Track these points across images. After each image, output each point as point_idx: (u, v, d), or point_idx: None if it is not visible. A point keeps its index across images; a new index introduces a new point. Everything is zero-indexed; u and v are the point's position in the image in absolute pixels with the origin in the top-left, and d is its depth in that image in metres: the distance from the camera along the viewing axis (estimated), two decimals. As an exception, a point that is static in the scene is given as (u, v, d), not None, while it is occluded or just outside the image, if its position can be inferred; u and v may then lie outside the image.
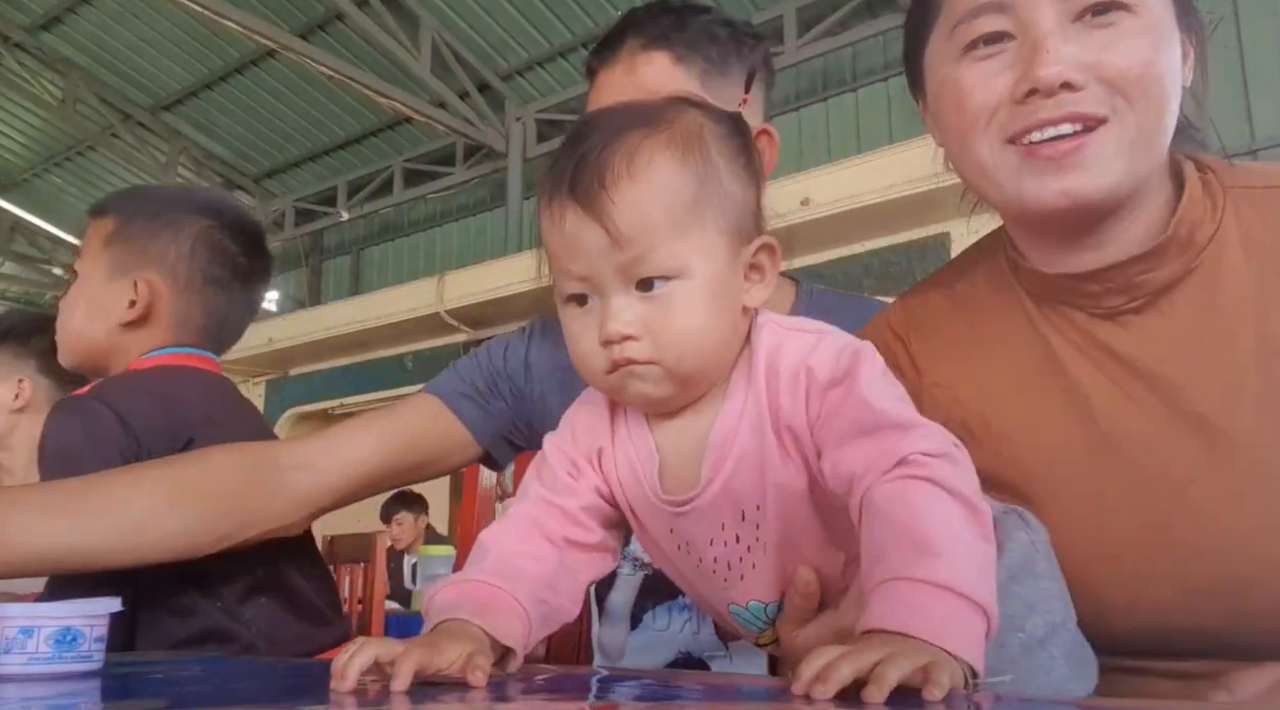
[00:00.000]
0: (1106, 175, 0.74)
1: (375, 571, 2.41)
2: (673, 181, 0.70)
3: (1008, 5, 0.75)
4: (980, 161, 0.79)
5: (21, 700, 0.65)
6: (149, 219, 1.35)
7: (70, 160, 9.83)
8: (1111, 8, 0.73)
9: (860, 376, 0.68)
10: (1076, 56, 0.73)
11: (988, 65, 0.77)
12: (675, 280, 0.70)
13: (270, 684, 0.79)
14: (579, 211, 0.69)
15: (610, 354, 0.71)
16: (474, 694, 0.59)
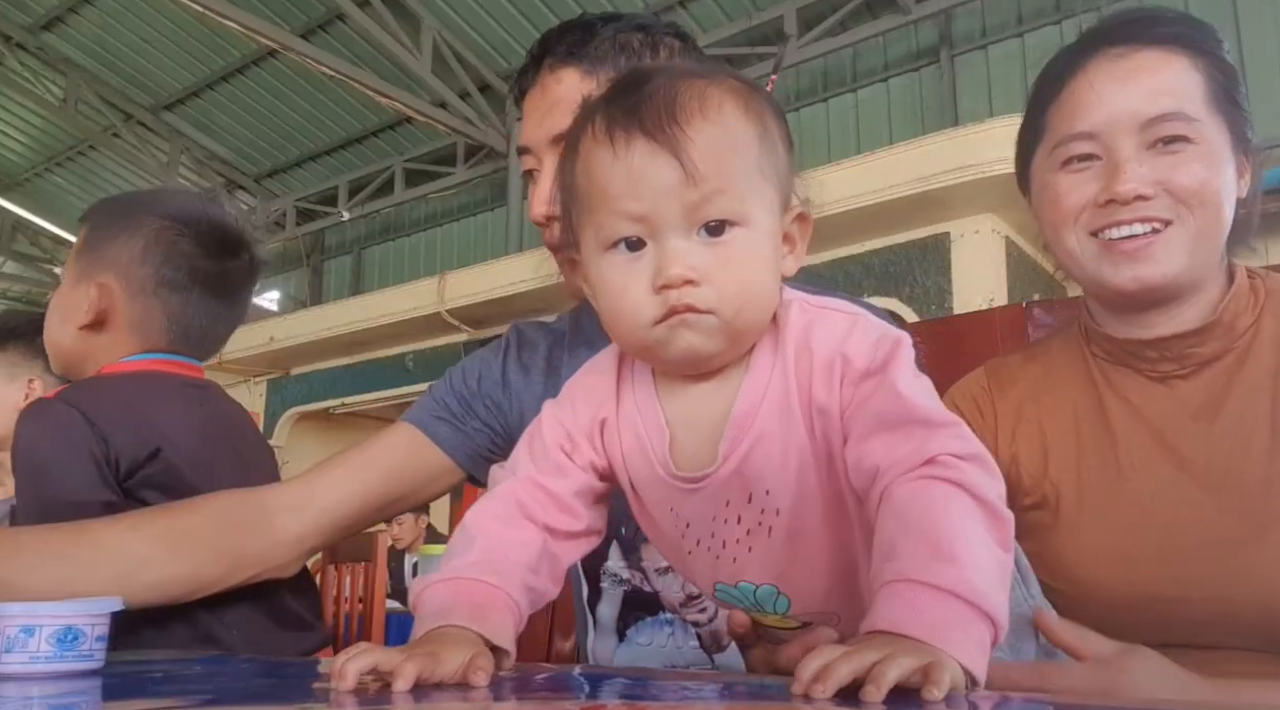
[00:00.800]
0: (1170, 267, 0.94)
1: (376, 571, 2.41)
2: (743, 127, 0.69)
3: (1096, 134, 0.96)
4: (1070, 248, 0.99)
5: (23, 699, 0.65)
6: (110, 224, 1.34)
7: (71, 160, 9.84)
8: (1177, 139, 0.93)
9: (895, 368, 0.67)
10: (1148, 176, 0.93)
11: (1079, 177, 0.98)
12: (741, 227, 0.67)
13: (270, 684, 0.79)
14: (651, 144, 0.66)
15: (667, 300, 0.66)
16: (473, 694, 0.59)
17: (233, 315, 1.40)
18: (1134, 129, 0.94)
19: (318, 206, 9.61)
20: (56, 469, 1.15)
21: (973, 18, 6.25)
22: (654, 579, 1.16)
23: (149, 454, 1.19)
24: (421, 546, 5.14)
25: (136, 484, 1.19)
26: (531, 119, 1.08)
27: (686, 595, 1.14)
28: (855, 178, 4.18)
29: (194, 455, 1.25)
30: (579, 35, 1.08)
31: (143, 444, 1.19)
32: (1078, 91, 0.98)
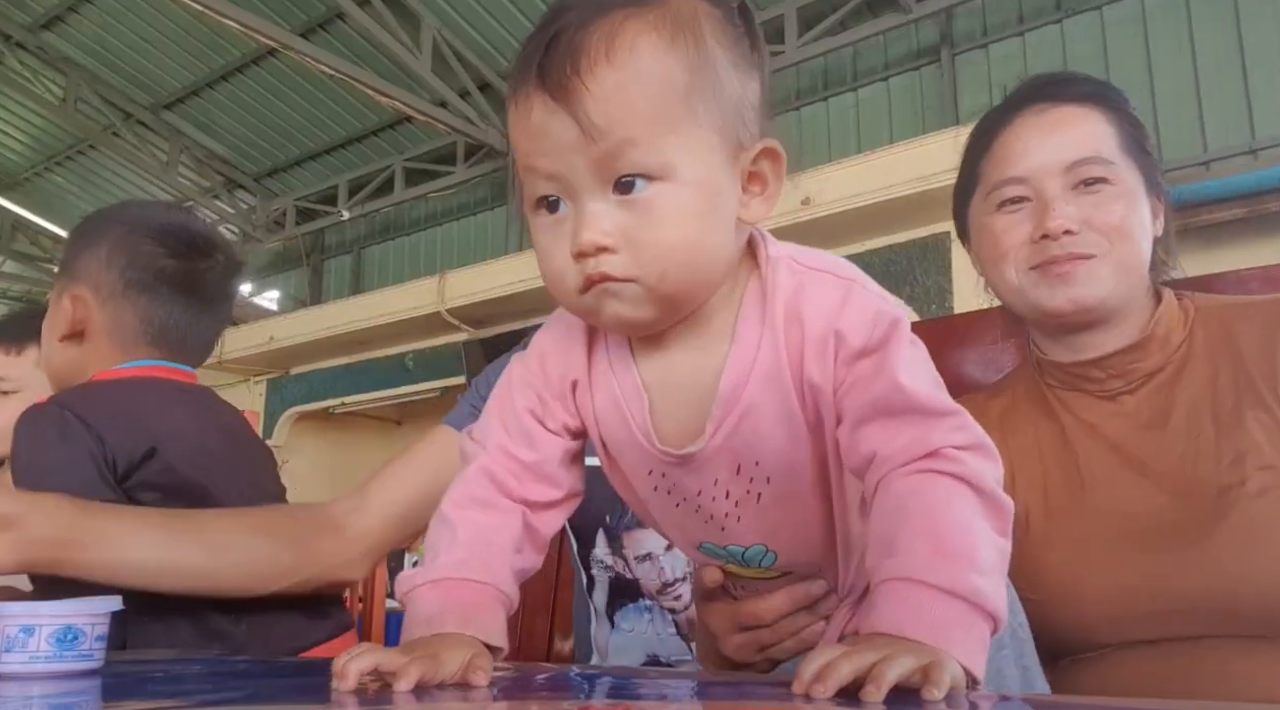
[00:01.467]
0: (1099, 289, 1.05)
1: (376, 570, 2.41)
2: (658, 66, 0.61)
3: (1026, 178, 1.08)
4: (1010, 282, 1.10)
5: (23, 699, 0.65)
6: (79, 239, 1.39)
7: (71, 159, 9.84)
8: (1097, 181, 1.06)
9: (893, 350, 0.64)
10: (1074, 214, 1.05)
11: (1013, 217, 1.10)
12: (658, 182, 0.61)
13: (270, 683, 0.79)
14: (547, 99, 0.61)
15: (584, 269, 0.62)
16: (474, 693, 0.59)
17: (213, 317, 1.41)
18: (1059, 172, 1.07)
19: (318, 206, 9.61)
20: (56, 471, 1.16)
21: (973, 17, 6.25)
22: (634, 566, 1.20)
23: (144, 454, 1.19)
24: (420, 545, 5.13)
25: (134, 485, 1.19)
26: None
27: (662, 582, 1.19)
28: (856, 177, 4.18)
29: (190, 455, 1.25)
30: None
31: (138, 444, 1.19)
32: (1007, 143, 1.11)
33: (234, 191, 9.93)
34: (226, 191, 9.87)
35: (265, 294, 10.30)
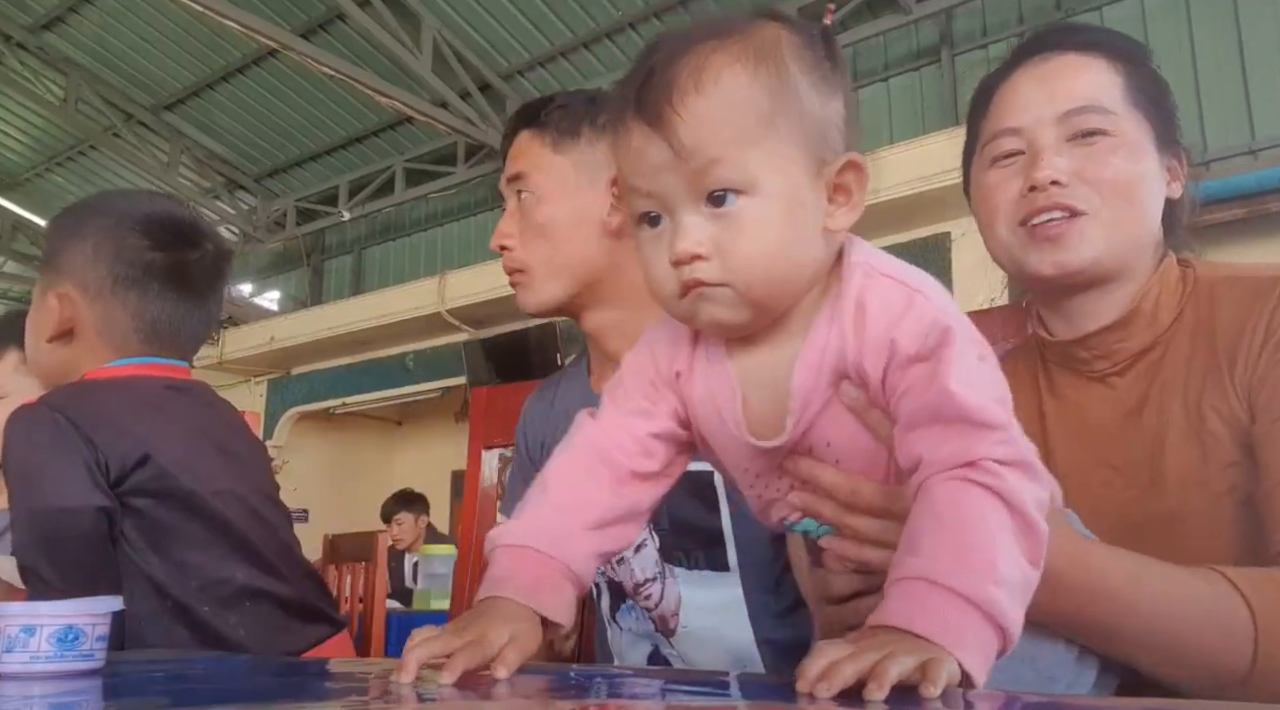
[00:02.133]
0: (1087, 252, 0.97)
1: (376, 571, 2.42)
2: (742, 92, 0.68)
3: (1019, 129, 1.02)
4: (1001, 240, 1.04)
5: (23, 699, 0.65)
6: (61, 234, 1.34)
7: (72, 160, 9.84)
8: (1094, 132, 0.98)
9: (945, 359, 0.67)
10: (1065, 165, 0.98)
11: (1005, 172, 1.04)
12: (745, 196, 0.67)
13: (270, 683, 0.79)
14: (644, 127, 0.68)
15: (680, 276, 0.68)
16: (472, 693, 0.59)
17: (204, 310, 1.37)
18: (1052, 122, 1.00)
19: (318, 206, 9.61)
20: (50, 474, 1.15)
21: (973, 17, 6.25)
22: (617, 569, 1.24)
23: (137, 461, 1.18)
24: (422, 546, 5.14)
25: (127, 490, 1.19)
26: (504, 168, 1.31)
27: (634, 583, 1.23)
28: (856, 177, 4.18)
29: (183, 458, 1.24)
30: (540, 104, 1.31)
31: (131, 451, 1.18)
32: (1004, 96, 1.05)
33: (234, 192, 9.93)
34: (227, 192, 9.87)
35: (266, 294, 10.30)
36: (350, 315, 6.35)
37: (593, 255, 1.25)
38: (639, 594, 1.25)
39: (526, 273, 1.27)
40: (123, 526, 1.19)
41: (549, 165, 1.27)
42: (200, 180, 9.71)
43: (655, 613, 1.24)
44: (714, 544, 1.19)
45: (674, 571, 1.22)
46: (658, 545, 1.23)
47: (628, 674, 0.90)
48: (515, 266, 1.28)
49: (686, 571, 1.21)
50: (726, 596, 1.19)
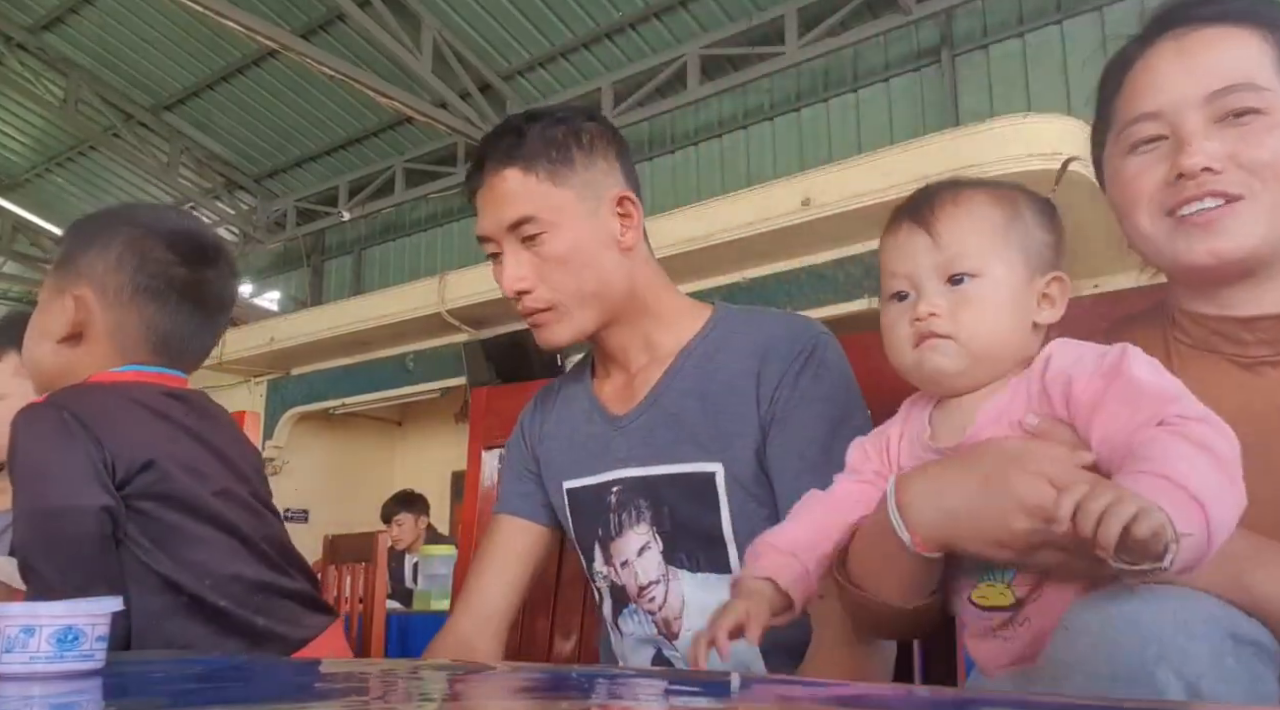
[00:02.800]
0: (1246, 239, 0.90)
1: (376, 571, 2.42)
2: (986, 211, 0.90)
3: (1161, 113, 0.94)
4: (1143, 231, 0.97)
5: (23, 699, 0.65)
6: (84, 237, 1.35)
7: (72, 160, 9.84)
8: (1247, 112, 0.90)
9: (1127, 364, 0.80)
10: (1217, 150, 0.90)
11: (1147, 158, 0.96)
12: (978, 279, 0.87)
13: (271, 683, 0.79)
14: (911, 225, 0.91)
15: (918, 329, 0.88)
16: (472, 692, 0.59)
17: (212, 328, 1.40)
18: (1199, 104, 0.92)
19: (318, 206, 9.61)
20: (55, 473, 1.15)
21: (974, 17, 6.25)
22: (620, 572, 1.25)
23: (143, 464, 1.19)
24: (422, 547, 5.14)
25: (132, 493, 1.19)
26: (486, 213, 1.24)
27: (638, 586, 1.25)
28: (856, 177, 4.18)
29: (186, 462, 1.25)
30: (512, 139, 1.24)
31: (137, 454, 1.19)
32: (1141, 76, 0.98)
33: (234, 192, 9.93)
34: (227, 192, 9.87)
35: (266, 295, 10.30)
36: (350, 315, 6.34)
37: (615, 276, 1.24)
38: (643, 597, 1.25)
39: (556, 309, 1.23)
40: (128, 528, 1.19)
41: (555, 201, 1.22)
42: (200, 180, 9.72)
43: (659, 616, 1.25)
44: (715, 545, 1.20)
45: (677, 574, 1.23)
46: (660, 548, 1.23)
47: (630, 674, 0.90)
48: (542, 305, 1.23)
49: (690, 574, 1.22)
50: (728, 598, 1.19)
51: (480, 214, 1.26)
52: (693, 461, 1.21)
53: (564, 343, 1.25)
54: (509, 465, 1.43)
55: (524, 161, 1.23)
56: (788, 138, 6.95)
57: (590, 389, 1.35)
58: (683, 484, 1.21)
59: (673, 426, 1.23)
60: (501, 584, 1.33)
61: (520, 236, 1.22)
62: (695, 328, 1.28)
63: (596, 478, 1.29)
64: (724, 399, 1.21)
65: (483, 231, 1.25)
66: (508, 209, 1.22)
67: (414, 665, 0.88)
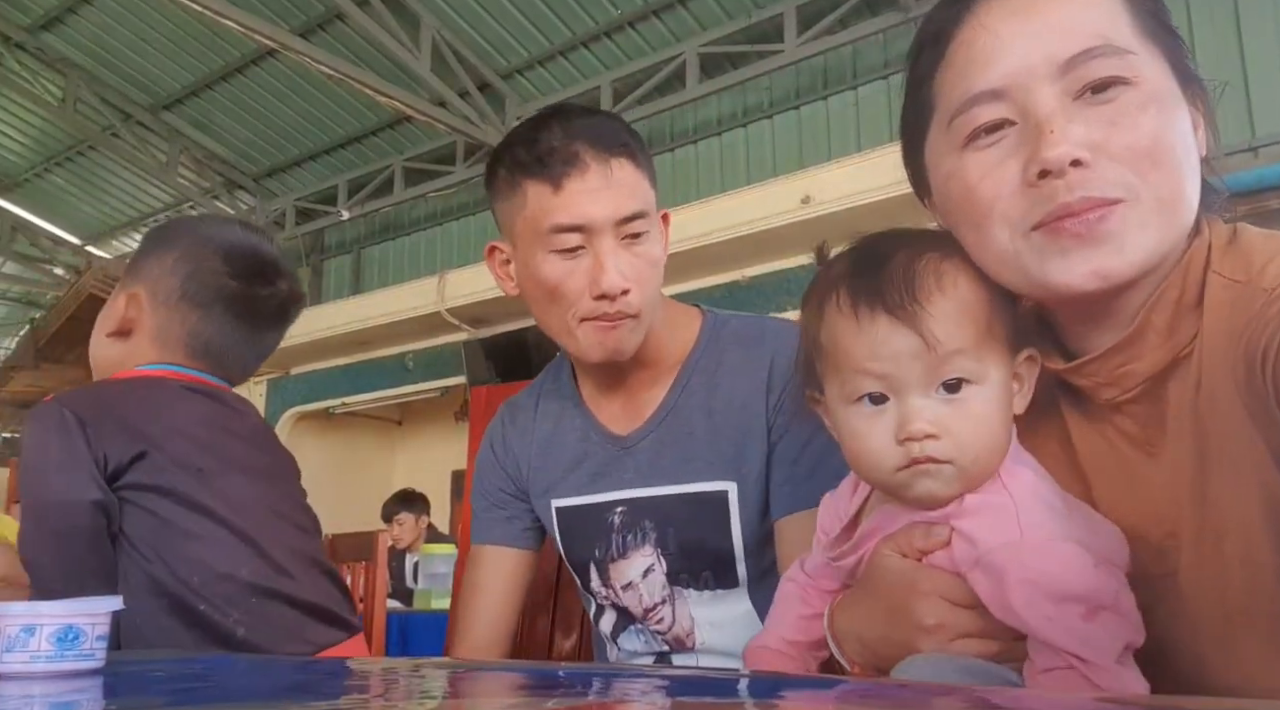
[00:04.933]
0: (1137, 250, 0.71)
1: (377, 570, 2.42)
2: (974, 296, 0.76)
3: (1003, 91, 0.73)
4: (999, 249, 0.75)
5: (23, 698, 0.65)
6: (153, 240, 1.41)
7: (71, 160, 9.83)
8: (1111, 83, 0.71)
9: (1007, 585, 0.71)
10: (1083, 135, 0.70)
11: (991, 154, 0.75)
12: (976, 385, 0.75)
13: (271, 682, 0.79)
14: (893, 320, 0.74)
15: (909, 451, 0.74)
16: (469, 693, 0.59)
17: (260, 342, 1.43)
18: (1052, 74, 0.71)
19: (317, 206, 9.60)
20: (53, 469, 1.18)
21: (972, 15, 6.24)
22: (621, 595, 1.24)
23: (135, 456, 1.20)
24: (422, 546, 5.14)
25: (125, 486, 1.20)
26: (593, 200, 1.11)
27: (644, 608, 1.23)
28: (856, 175, 4.18)
29: (187, 455, 1.25)
30: (619, 127, 1.16)
31: (128, 447, 1.20)
32: (968, 44, 0.75)
33: (233, 192, 9.92)
34: (226, 192, 9.86)
35: (265, 294, 10.30)
36: (349, 315, 6.34)
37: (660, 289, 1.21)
38: (650, 618, 1.24)
39: (640, 316, 1.15)
40: (122, 523, 1.20)
41: (652, 201, 1.17)
42: (199, 180, 9.71)
43: (669, 635, 1.23)
44: (724, 563, 1.18)
45: (682, 594, 1.21)
46: (664, 569, 1.22)
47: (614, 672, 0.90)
48: (634, 310, 1.14)
49: (697, 592, 1.20)
50: (738, 610, 1.19)
51: (575, 202, 1.12)
52: (704, 481, 1.18)
53: (629, 353, 1.17)
54: (481, 491, 1.37)
55: (636, 156, 1.16)
56: (787, 136, 6.94)
57: (582, 405, 1.30)
58: (693, 504, 1.19)
59: (682, 446, 1.20)
60: (494, 616, 1.31)
61: (623, 233, 1.13)
62: (690, 338, 1.25)
63: (594, 497, 1.25)
64: (734, 415, 1.18)
65: (584, 220, 1.11)
66: (627, 201, 1.12)
67: (415, 664, 0.88)
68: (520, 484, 1.34)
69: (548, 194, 1.12)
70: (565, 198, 1.11)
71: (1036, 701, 0.60)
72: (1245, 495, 0.71)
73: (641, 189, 1.15)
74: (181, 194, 9.61)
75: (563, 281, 1.13)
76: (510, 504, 1.35)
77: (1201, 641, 0.75)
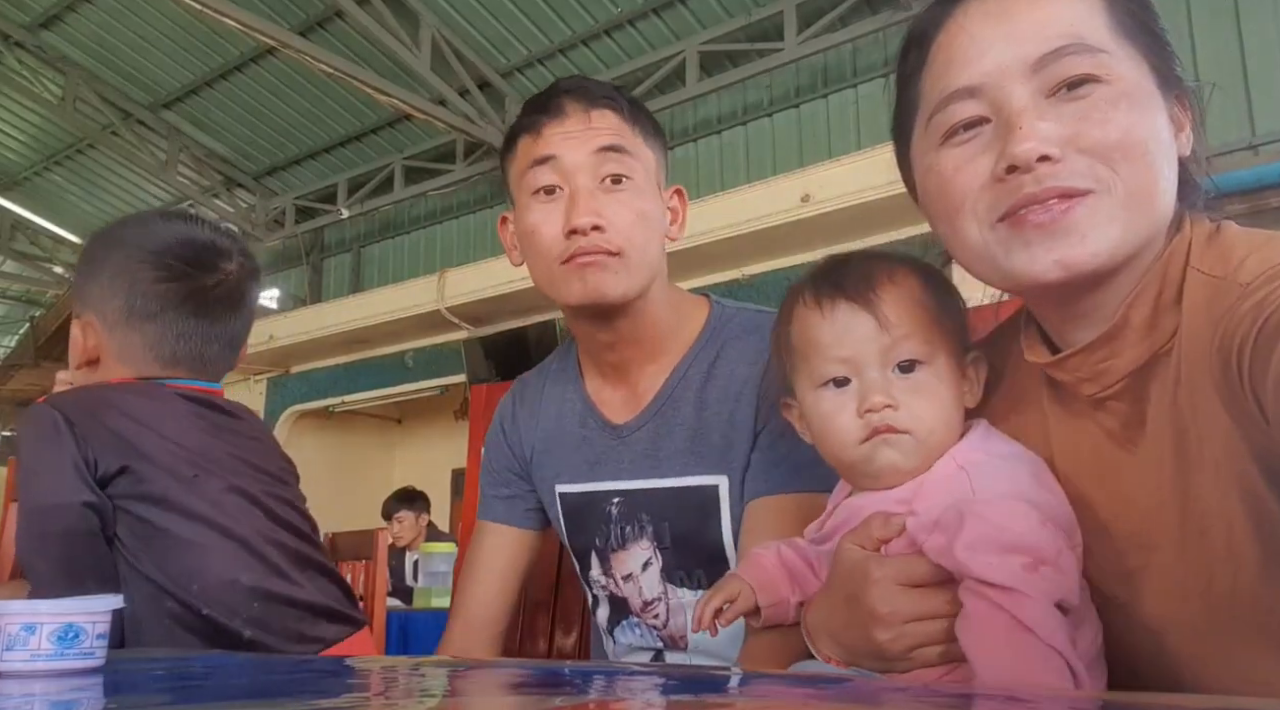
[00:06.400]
0: (1101, 241, 0.72)
1: (377, 569, 2.42)
2: (923, 290, 0.86)
3: (977, 89, 0.76)
4: (970, 243, 0.78)
5: (24, 697, 0.65)
6: (85, 261, 1.35)
7: (71, 158, 9.83)
8: (1083, 81, 0.73)
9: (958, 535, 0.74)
10: (1053, 131, 0.73)
11: (965, 150, 0.78)
12: (927, 365, 0.83)
13: (271, 681, 0.79)
14: (852, 305, 0.84)
15: (870, 421, 0.82)
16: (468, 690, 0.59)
17: (227, 331, 1.37)
18: (1025, 73, 0.74)
19: (317, 204, 9.60)
20: (44, 471, 1.17)
21: (972, 13, 6.24)
22: (621, 585, 1.23)
23: (122, 464, 1.19)
24: (422, 544, 5.14)
25: (117, 493, 1.20)
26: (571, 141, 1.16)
27: (642, 601, 1.22)
28: (856, 173, 4.18)
29: (178, 461, 1.24)
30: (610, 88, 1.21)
31: (118, 453, 1.19)
32: (947, 45, 0.79)
33: (233, 190, 9.92)
34: (226, 190, 9.86)
35: (265, 293, 10.29)
36: (349, 313, 6.34)
37: (659, 260, 1.20)
38: (647, 612, 1.23)
39: (622, 256, 1.14)
40: (117, 529, 1.19)
41: (644, 158, 1.19)
42: (199, 178, 9.71)
43: (664, 632, 1.23)
44: (715, 560, 1.17)
45: (675, 592, 1.21)
46: (660, 564, 1.21)
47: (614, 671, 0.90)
48: (611, 248, 1.13)
49: (691, 592, 1.20)
50: None
51: (553, 140, 1.17)
52: (696, 474, 1.18)
53: (614, 298, 1.15)
54: (489, 467, 1.38)
55: (624, 109, 1.19)
56: (787, 134, 6.94)
57: (582, 391, 1.29)
58: (685, 498, 1.18)
59: (675, 438, 1.19)
60: (493, 594, 1.31)
61: (603, 175, 1.15)
62: (695, 328, 1.24)
63: (594, 485, 1.25)
64: (726, 408, 1.17)
65: (556, 152, 1.16)
66: (604, 137, 1.16)
67: (415, 662, 0.88)
68: (525, 465, 1.34)
69: (530, 141, 1.19)
70: (543, 139, 1.18)
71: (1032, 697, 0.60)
72: (1226, 489, 0.71)
73: (625, 135, 1.18)
74: (181, 192, 9.62)
75: (540, 225, 1.16)
76: (515, 483, 1.35)
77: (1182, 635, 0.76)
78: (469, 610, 1.32)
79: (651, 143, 1.22)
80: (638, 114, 1.21)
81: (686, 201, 1.27)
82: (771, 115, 7.04)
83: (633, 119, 1.20)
